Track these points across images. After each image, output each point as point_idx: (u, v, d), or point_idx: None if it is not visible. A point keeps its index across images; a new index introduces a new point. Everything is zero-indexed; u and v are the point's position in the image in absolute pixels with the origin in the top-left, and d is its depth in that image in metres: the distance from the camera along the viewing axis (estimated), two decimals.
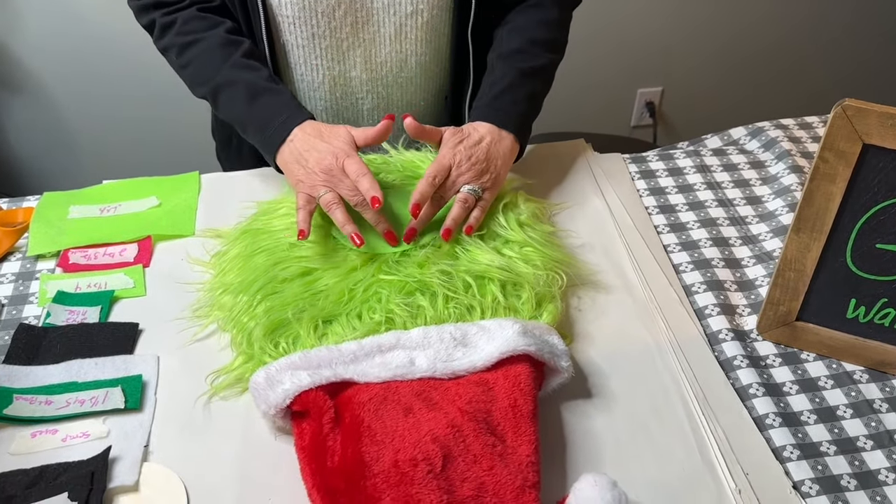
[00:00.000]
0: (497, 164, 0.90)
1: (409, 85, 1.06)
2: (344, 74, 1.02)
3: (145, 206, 0.96)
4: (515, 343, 0.71)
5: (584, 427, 0.73)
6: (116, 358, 0.78)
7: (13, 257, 0.90)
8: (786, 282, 0.78)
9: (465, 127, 0.92)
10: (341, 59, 1.01)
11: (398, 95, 1.07)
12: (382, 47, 1.01)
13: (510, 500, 0.61)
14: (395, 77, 1.04)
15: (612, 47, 2.12)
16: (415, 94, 1.08)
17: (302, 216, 0.83)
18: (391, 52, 1.01)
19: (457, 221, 0.85)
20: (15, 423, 0.72)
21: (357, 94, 1.05)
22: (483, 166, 0.88)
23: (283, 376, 0.69)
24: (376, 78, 1.03)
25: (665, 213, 0.97)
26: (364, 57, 1.01)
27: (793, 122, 1.12)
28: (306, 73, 1.02)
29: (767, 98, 2.32)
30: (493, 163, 0.89)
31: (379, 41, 1.00)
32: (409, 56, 1.03)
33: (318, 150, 0.86)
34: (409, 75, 1.05)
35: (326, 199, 0.84)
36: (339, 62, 1.01)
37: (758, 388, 0.76)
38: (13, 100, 1.96)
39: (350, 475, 0.62)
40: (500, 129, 0.92)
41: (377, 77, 1.03)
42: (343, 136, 0.87)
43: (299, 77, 1.03)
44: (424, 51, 1.03)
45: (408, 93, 1.07)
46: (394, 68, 1.03)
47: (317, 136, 0.87)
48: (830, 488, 0.68)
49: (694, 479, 0.69)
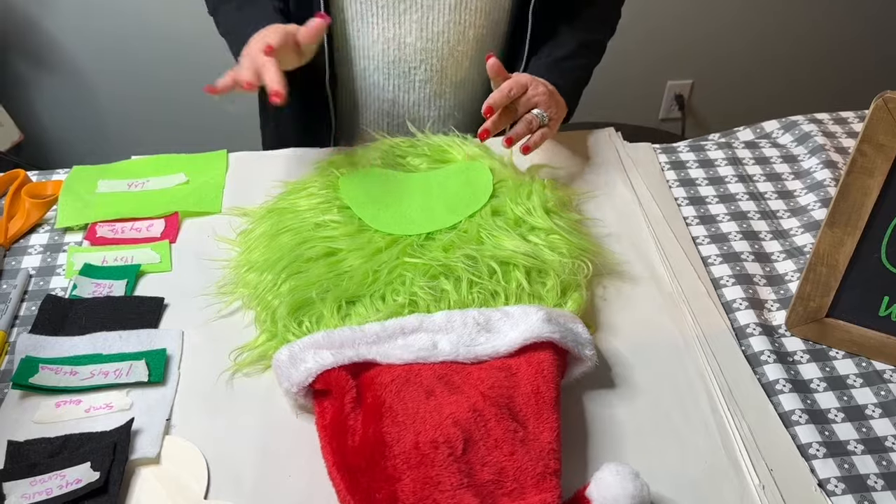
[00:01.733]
0: (560, 109, 0.94)
1: (465, 59, 1.04)
2: (399, 39, 1.01)
3: (173, 183, 0.96)
4: (539, 330, 0.70)
5: (606, 417, 0.72)
6: (141, 332, 0.78)
7: (41, 229, 0.91)
8: (817, 277, 0.77)
9: (521, 77, 0.93)
10: (397, 21, 0.99)
11: (453, 70, 1.05)
12: (441, 16, 0.99)
13: (531, 485, 0.61)
14: (452, 50, 1.02)
15: (641, 38, 2.10)
16: (469, 69, 1.06)
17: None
18: (449, 23, 1.00)
19: (519, 136, 0.89)
20: (40, 393, 0.72)
21: (410, 62, 1.03)
22: (554, 99, 0.93)
23: (307, 355, 0.69)
24: (431, 48, 1.01)
25: (694, 205, 0.96)
26: (420, 23, 0.99)
27: (827, 116, 1.10)
28: (362, 29, 1.01)
29: (800, 94, 2.28)
30: (560, 105, 0.94)
31: (438, 8, 0.98)
32: (468, 28, 1.01)
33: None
34: (465, 49, 1.03)
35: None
36: (394, 24, 0.99)
37: (784, 385, 0.75)
38: (46, 76, 1.98)
39: (370, 455, 0.62)
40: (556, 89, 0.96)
41: (432, 48, 1.01)
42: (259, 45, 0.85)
43: (355, 33, 1.02)
44: (483, 23, 1.01)
45: (462, 68, 1.05)
46: (451, 39, 1.01)
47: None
48: (857, 487, 0.67)
49: (717, 473, 0.68)
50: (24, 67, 1.96)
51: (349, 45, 1.03)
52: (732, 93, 2.25)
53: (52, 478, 0.65)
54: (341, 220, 0.85)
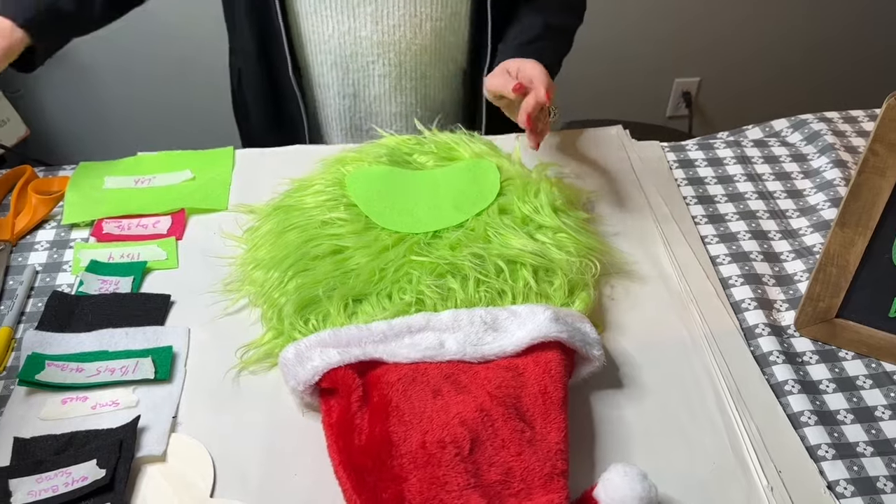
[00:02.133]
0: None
1: (424, 53, 1.03)
2: (354, 32, 1.00)
3: (179, 179, 0.96)
4: (547, 329, 0.70)
5: (614, 417, 0.72)
6: (147, 329, 0.78)
7: (48, 225, 0.91)
8: (827, 277, 0.76)
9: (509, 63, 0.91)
10: (351, 13, 0.98)
11: (411, 65, 1.03)
12: (396, 8, 0.98)
13: (538, 486, 0.60)
14: (409, 43, 1.01)
15: (649, 36, 2.09)
16: (430, 64, 1.04)
17: None
18: (405, 15, 0.98)
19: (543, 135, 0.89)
20: (46, 389, 0.72)
21: (367, 56, 1.02)
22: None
23: (313, 353, 0.69)
24: (388, 42, 1.00)
25: (703, 204, 0.95)
26: (375, 16, 0.98)
27: (837, 115, 1.10)
28: (317, 23, 1.00)
29: (808, 92, 2.27)
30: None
31: (392, 0, 0.97)
32: (424, 20, 0.99)
33: None
34: (424, 42, 1.01)
35: None
36: (348, 17, 0.98)
37: (793, 385, 0.74)
38: (52, 72, 1.98)
39: (377, 454, 0.62)
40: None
41: (389, 41, 1.00)
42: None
43: (310, 28, 1.01)
44: (440, 15, 1.00)
45: (422, 62, 1.04)
46: (407, 33, 1.00)
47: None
48: (866, 490, 0.66)
49: (725, 474, 0.68)
50: None
51: (305, 39, 1.03)
52: (740, 90, 2.24)
53: (58, 475, 0.65)
54: (348, 218, 0.85)
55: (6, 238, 0.88)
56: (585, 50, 2.10)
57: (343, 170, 0.91)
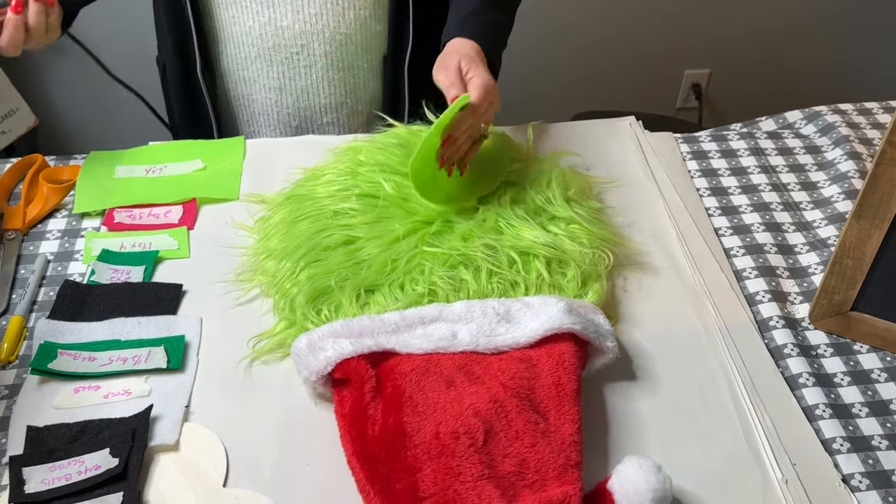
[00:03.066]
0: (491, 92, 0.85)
1: (349, 44, 1.01)
2: (274, 22, 0.98)
3: (190, 169, 0.96)
4: (560, 321, 0.70)
5: (627, 409, 0.72)
6: (160, 318, 0.78)
7: (59, 214, 0.91)
8: (842, 269, 0.75)
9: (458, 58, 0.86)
10: (270, 3, 0.96)
11: (338, 55, 1.02)
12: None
13: (552, 477, 0.60)
14: (333, 33, 0.99)
15: (658, 27, 2.07)
16: (355, 54, 1.02)
17: None
18: (325, 3, 0.97)
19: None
20: (59, 378, 0.72)
21: (290, 47, 1.00)
22: (490, 94, 0.84)
23: (326, 343, 0.68)
24: (310, 32, 0.98)
25: (717, 196, 0.94)
26: (294, 6, 0.96)
27: (851, 107, 1.09)
28: (236, 15, 0.98)
29: (819, 84, 2.25)
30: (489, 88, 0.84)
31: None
32: (347, 9, 0.97)
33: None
34: (348, 31, 1.00)
35: None
36: (267, 7, 0.97)
37: (808, 378, 0.74)
38: (62, 62, 1.98)
39: (391, 444, 0.62)
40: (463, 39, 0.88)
41: (311, 31, 0.98)
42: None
43: (229, 19, 1.00)
44: (363, 4, 0.98)
45: (348, 53, 1.02)
46: (330, 22, 0.98)
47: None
48: (881, 483, 0.66)
49: (739, 467, 0.67)
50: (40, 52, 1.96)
51: (225, 32, 1.01)
52: (750, 82, 2.23)
53: (72, 463, 0.65)
54: (360, 208, 0.85)
55: (18, 227, 0.88)
56: (594, 41, 2.10)
57: (358, 158, 0.91)
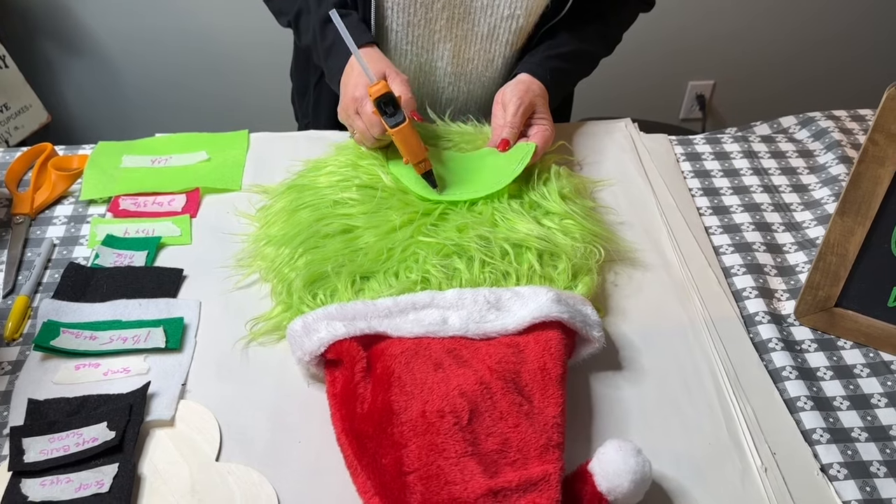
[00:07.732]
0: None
1: (492, 84, 1.07)
2: (431, 64, 1.04)
3: (195, 160, 0.98)
4: (549, 309, 0.71)
5: (612, 397, 0.73)
6: (160, 300, 0.80)
7: (66, 201, 0.94)
8: (827, 266, 0.77)
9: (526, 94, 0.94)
10: (431, 48, 1.02)
11: (479, 93, 1.08)
12: (472, 45, 1.02)
13: (534, 456, 0.62)
14: (480, 75, 1.06)
15: (663, 38, 2.09)
16: (495, 91, 1.06)
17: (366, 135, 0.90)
18: (480, 51, 1.03)
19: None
20: (60, 355, 0.74)
21: (439, 83, 1.06)
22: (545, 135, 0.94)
23: (320, 325, 0.70)
24: (461, 73, 1.05)
25: (709, 196, 0.96)
26: (453, 51, 1.02)
27: (845, 113, 1.10)
28: (396, 58, 1.04)
29: (823, 95, 2.26)
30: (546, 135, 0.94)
31: (471, 39, 1.01)
32: (497, 57, 1.04)
33: (346, 87, 0.91)
34: (493, 75, 1.06)
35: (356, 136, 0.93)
36: (427, 51, 1.03)
37: (791, 372, 0.75)
38: (74, 60, 2.01)
39: (378, 422, 0.64)
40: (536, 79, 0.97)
41: (462, 72, 1.05)
42: (362, 86, 0.88)
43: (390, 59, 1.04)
44: (512, 53, 1.04)
45: (489, 91, 1.08)
46: (479, 66, 1.05)
47: (354, 73, 0.91)
48: (859, 473, 0.67)
49: (720, 454, 0.69)
50: (53, 51, 1.99)
51: None
52: (754, 93, 2.25)
53: (70, 435, 0.67)
54: (359, 199, 0.87)
55: (26, 212, 0.90)
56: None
57: (360, 151, 0.93)
